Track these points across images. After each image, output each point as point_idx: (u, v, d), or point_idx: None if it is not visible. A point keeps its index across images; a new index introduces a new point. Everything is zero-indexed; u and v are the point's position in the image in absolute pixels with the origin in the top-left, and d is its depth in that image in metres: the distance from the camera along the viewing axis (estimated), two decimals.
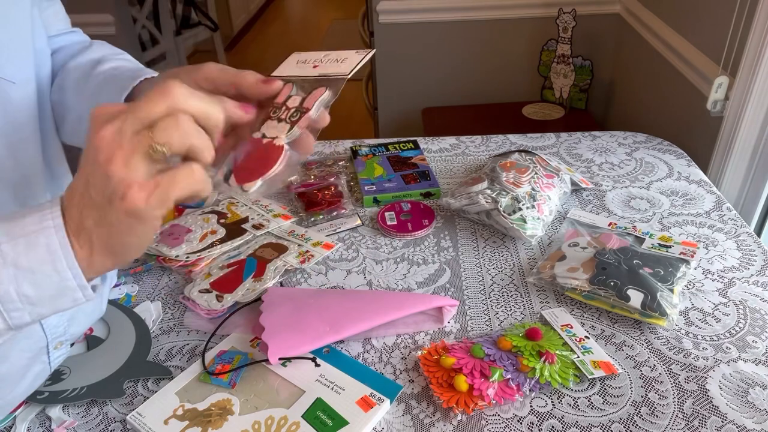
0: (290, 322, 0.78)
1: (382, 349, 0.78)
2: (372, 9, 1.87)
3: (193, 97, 0.44)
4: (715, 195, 1.06)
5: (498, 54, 1.95)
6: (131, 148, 0.42)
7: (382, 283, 0.90)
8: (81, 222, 0.44)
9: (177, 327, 0.84)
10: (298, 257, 0.94)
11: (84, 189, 0.44)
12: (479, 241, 0.98)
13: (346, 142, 1.31)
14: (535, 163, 1.06)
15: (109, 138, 0.42)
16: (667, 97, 1.49)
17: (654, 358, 0.75)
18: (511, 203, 0.96)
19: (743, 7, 1.11)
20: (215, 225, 1.01)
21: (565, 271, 0.86)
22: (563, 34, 1.78)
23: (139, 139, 0.42)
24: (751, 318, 0.80)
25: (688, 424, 0.66)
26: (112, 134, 0.42)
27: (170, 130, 0.42)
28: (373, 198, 1.08)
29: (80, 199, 0.44)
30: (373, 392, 0.70)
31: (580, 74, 1.85)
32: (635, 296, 0.79)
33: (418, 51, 1.95)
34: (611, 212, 1.03)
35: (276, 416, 0.68)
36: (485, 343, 0.74)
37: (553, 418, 0.68)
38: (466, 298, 0.86)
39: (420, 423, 0.68)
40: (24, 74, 0.62)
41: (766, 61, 1.05)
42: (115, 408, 0.72)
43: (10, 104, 0.61)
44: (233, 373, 0.73)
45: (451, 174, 1.17)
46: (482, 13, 1.88)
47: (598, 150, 1.23)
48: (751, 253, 0.91)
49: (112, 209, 0.42)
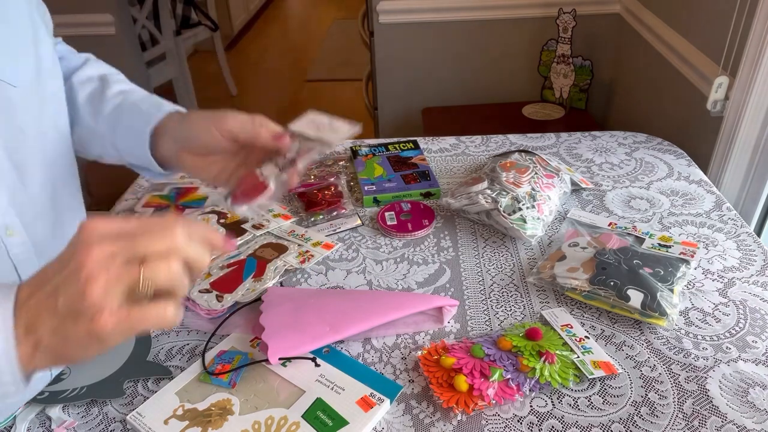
0: (290, 322, 0.78)
1: (382, 349, 0.78)
2: (372, 9, 1.87)
3: (192, 244, 0.44)
4: (715, 195, 1.06)
5: (498, 54, 1.95)
6: (117, 277, 0.41)
7: (382, 283, 0.90)
8: (35, 323, 0.43)
9: (177, 327, 0.84)
10: (298, 257, 0.94)
11: (51, 294, 0.42)
12: (479, 241, 0.98)
13: (346, 142, 1.31)
14: (535, 163, 1.06)
15: (98, 259, 0.41)
16: (667, 97, 1.49)
17: (654, 358, 0.75)
18: (511, 203, 0.96)
19: (743, 7, 1.11)
20: (215, 225, 1.01)
21: (565, 271, 0.86)
22: (563, 34, 1.78)
23: (128, 270, 0.41)
24: (751, 318, 0.80)
25: (688, 424, 0.66)
26: (103, 256, 0.41)
27: (161, 272, 0.42)
28: (373, 198, 1.08)
29: (43, 301, 0.43)
30: (373, 392, 0.70)
31: (580, 74, 1.85)
32: (635, 296, 0.79)
33: (418, 51, 1.95)
34: (611, 212, 1.03)
35: (276, 416, 0.68)
36: (485, 343, 0.74)
37: (553, 418, 0.68)
38: (466, 298, 0.86)
39: (420, 423, 0.68)
40: (25, 78, 0.63)
41: (766, 61, 1.05)
42: (115, 408, 0.72)
43: (11, 107, 0.61)
44: (233, 373, 0.73)
45: (451, 174, 1.17)
46: (482, 13, 1.88)
47: (598, 150, 1.23)
48: (751, 253, 0.91)
49: (75, 325, 0.41)
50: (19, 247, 0.64)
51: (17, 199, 0.63)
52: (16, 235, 0.63)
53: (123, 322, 0.41)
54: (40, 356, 0.44)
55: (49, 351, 0.43)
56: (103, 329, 0.41)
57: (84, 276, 0.40)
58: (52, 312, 0.42)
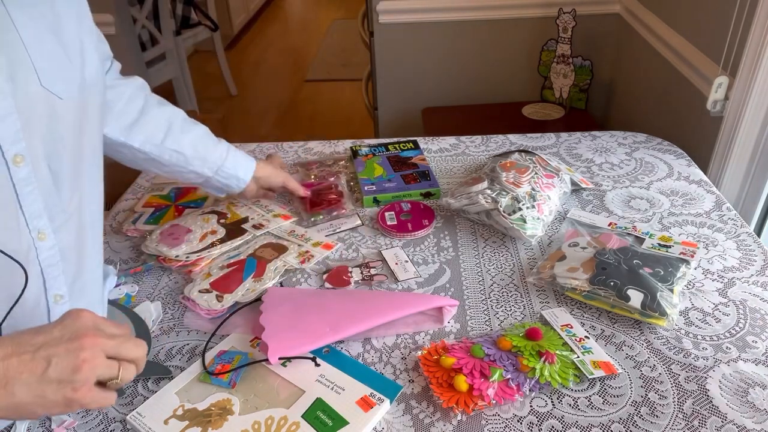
0: (290, 322, 0.78)
1: (382, 349, 0.78)
2: (372, 9, 1.86)
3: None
4: (715, 195, 1.06)
5: (498, 54, 1.95)
6: (103, 366, 0.54)
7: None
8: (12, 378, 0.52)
9: (177, 327, 0.84)
10: (298, 257, 0.94)
11: (43, 358, 0.52)
12: (479, 241, 0.98)
13: (346, 142, 1.31)
14: (535, 163, 1.06)
15: (95, 347, 0.54)
16: (667, 97, 1.49)
17: (654, 358, 0.75)
18: (511, 203, 0.96)
19: (743, 7, 1.11)
20: (215, 225, 1.01)
21: (565, 271, 0.85)
22: (563, 34, 1.78)
23: (111, 365, 0.55)
24: (751, 318, 0.80)
25: (688, 424, 0.66)
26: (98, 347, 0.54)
27: (129, 373, 0.57)
28: (373, 198, 1.08)
29: (28, 362, 0.52)
30: (373, 392, 0.70)
31: (580, 74, 1.85)
32: (635, 296, 0.79)
33: (418, 51, 1.95)
34: (611, 212, 1.03)
35: (276, 416, 0.68)
36: (485, 343, 0.74)
37: (553, 418, 0.68)
38: (466, 298, 0.86)
39: (420, 423, 0.68)
40: (71, 93, 0.68)
41: (766, 61, 1.05)
42: (115, 408, 0.72)
43: (55, 117, 0.66)
44: (233, 373, 0.73)
45: (451, 174, 1.17)
46: (482, 13, 1.88)
47: (598, 150, 1.23)
48: (751, 253, 0.91)
49: (58, 390, 0.52)
50: (48, 251, 0.67)
51: (50, 205, 0.67)
52: (47, 240, 0.67)
53: (90, 397, 0.54)
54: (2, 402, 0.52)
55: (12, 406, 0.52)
56: (80, 398, 0.53)
57: (83, 356, 0.53)
58: (36, 374, 0.52)
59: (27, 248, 0.65)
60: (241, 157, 0.99)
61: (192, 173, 0.96)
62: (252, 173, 1.00)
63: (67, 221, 0.70)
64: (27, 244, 0.65)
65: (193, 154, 0.93)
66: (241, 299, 0.86)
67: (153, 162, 0.92)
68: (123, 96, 0.88)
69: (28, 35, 0.63)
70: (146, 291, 0.91)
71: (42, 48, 0.64)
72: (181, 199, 1.13)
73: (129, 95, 0.89)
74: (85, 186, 0.73)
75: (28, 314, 0.67)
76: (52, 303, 0.69)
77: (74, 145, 0.70)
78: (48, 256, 0.67)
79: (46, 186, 0.66)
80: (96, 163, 0.76)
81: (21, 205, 0.63)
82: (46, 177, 0.66)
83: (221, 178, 0.98)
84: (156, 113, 0.91)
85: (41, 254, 0.67)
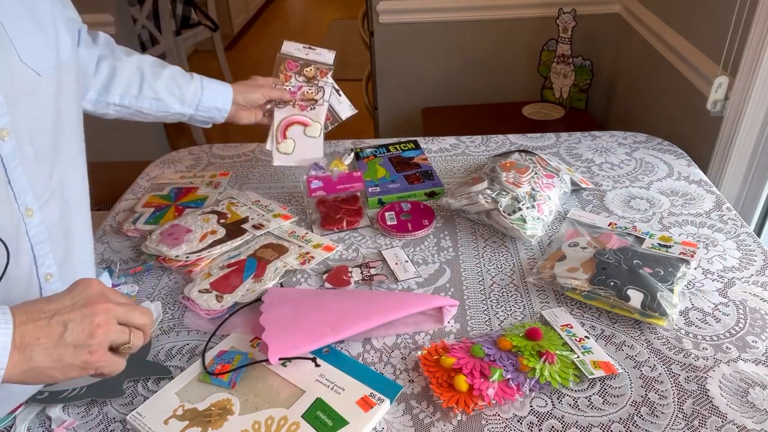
0: (290, 323, 0.78)
1: (382, 349, 0.78)
2: (372, 9, 1.86)
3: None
4: (715, 195, 1.06)
5: (498, 54, 1.95)
6: (116, 331, 0.57)
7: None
8: (30, 344, 0.53)
9: (177, 327, 0.84)
10: (299, 258, 0.94)
11: (59, 324, 0.54)
12: (479, 241, 0.98)
13: (346, 141, 1.31)
14: (535, 163, 1.06)
15: (108, 313, 0.56)
16: (667, 97, 1.49)
17: (654, 358, 0.75)
18: (511, 203, 0.96)
19: (743, 7, 1.11)
20: (215, 225, 1.01)
21: (565, 271, 0.85)
22: (563, 34, 1.78)
23: (122, 331, 0.58)
24: (751, 318, 0.80)
25: (688, 424, 0.66)
26: (111, 313, 0.57)
27: (138, 340, 0.60)
28: (378, 200, 1.08)
29: (44, 328, 0.54)
30: (373, 392, 0.70)
31: (580, 74, 1.85)
32: (635, 296, 0.79)
33: (418, 51, 1.95)
34: (611, 212, 1.03)
35: (276, 416, 0.68)
36: (485, 343, 0.74)
37: (553, 418, 0.68)
38: (466, 298, 0.86)
39: (420, 423, 0.68)
40: (48, 71, 0.70)
41: (766, 61, 1.05)
42: (115, 408, 0.72)
43: (34, 94, 0.68)
44: (233, 373, 0.73)
45: (451, 174, 1.17)
46: (482, 13, 1.88)
47: (598, 150, 1.23)
48: (751, 253, 0.91)
49: (75, 354, 0.54)
50: (36, 227, 0.69)
51: (34, 181, 0.68)
52: (34, 216, 0.69)
53: (105, 361, 0.57)
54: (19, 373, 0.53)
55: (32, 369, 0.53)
56: (95, 362, 0.55)
57: (97, 321, 0.55)
58: (55, 339, 0.54)
59: (17, 223, 0.67)
60: (216, 89, 1.00)
61: (176, 114, 0.98)
62: (230, 101, 1.01)
63: (50, 199, 0.71)
64: (17, 219, 0.66)
65: (170, 96, 0.96)
66: (241, 299, 0.86)
67: (138, 113, 0.96)
68: (93, 57, 0.90)
69: (4, 14, 0.64)
70: (146, 291, 0.91)
71: (19, 26, 0.66)
72: (181, 199, 1.13)
73: (99, 55, 0.91)
74: (65, 164, 0.74)
75: (22, 293, 0.69)
76: (44, 281, 0.71)
77: (53, 123, 0.71)
78: (37, 233, 0.69)
79: (30, 162, 0.67)
80: (75, 143, 0.78)
81: (9, 180, 0.65)
82: (29, 153, 0.67)
83: (202, 112, 1.00)
84: (125, 66, 0.93)
85: (30, 230, 0.68)
